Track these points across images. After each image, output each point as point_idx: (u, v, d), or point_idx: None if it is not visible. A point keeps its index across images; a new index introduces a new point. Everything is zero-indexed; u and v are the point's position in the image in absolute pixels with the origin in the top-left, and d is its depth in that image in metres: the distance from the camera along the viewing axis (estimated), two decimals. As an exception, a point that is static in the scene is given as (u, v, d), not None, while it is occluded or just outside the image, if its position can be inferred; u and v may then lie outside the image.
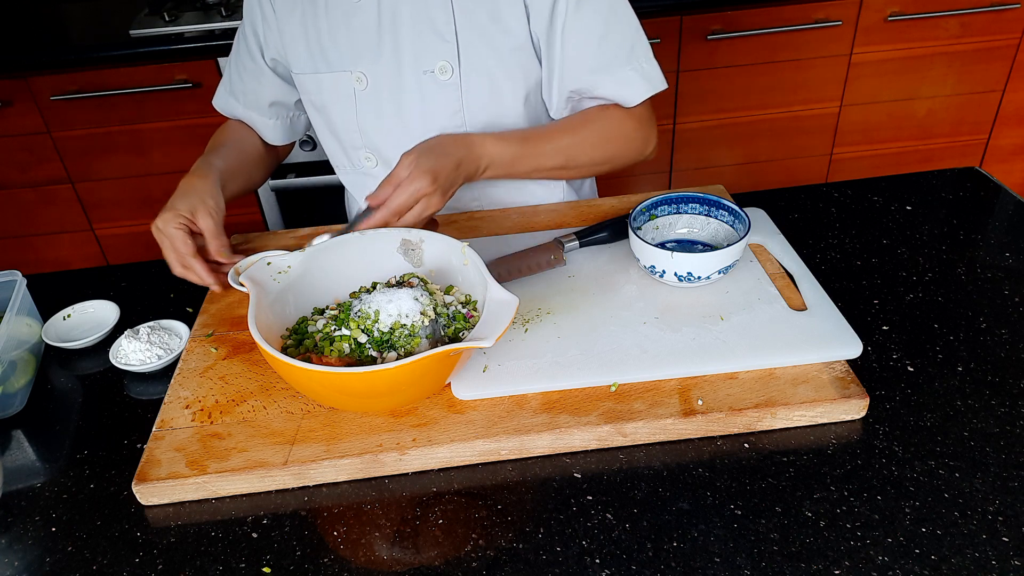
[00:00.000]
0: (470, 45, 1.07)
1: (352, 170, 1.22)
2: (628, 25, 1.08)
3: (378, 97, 1.11)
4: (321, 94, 1.14)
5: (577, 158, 1.10)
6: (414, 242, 0.94)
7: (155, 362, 0.94)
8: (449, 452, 0.79)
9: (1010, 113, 2.35)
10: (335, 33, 1.09)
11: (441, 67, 1.08)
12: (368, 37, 1.08)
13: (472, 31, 1.06)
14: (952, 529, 0.71)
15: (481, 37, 1.06)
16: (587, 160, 1.11)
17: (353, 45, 1.09)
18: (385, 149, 1.16)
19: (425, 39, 1.07)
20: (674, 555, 0.70)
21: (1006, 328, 0.92)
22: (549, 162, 1.09)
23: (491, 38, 1.06)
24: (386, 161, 1.17)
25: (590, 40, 1.05)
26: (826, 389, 0.82)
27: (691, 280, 0.93)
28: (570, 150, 1.09)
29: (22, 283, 1.00)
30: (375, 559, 0.72)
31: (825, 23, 2.09)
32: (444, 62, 1.07)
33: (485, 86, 1.09)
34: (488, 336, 0.74)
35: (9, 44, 2.04)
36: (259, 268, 0.88)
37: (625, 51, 1.07)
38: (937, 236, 1.09)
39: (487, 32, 1.06)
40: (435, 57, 1.07)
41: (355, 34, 1.08)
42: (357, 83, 1.11)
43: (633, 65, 1.07)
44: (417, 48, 1.07)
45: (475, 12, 1.05)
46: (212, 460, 0.79)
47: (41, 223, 2.20)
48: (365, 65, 1.09)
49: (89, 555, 0.75)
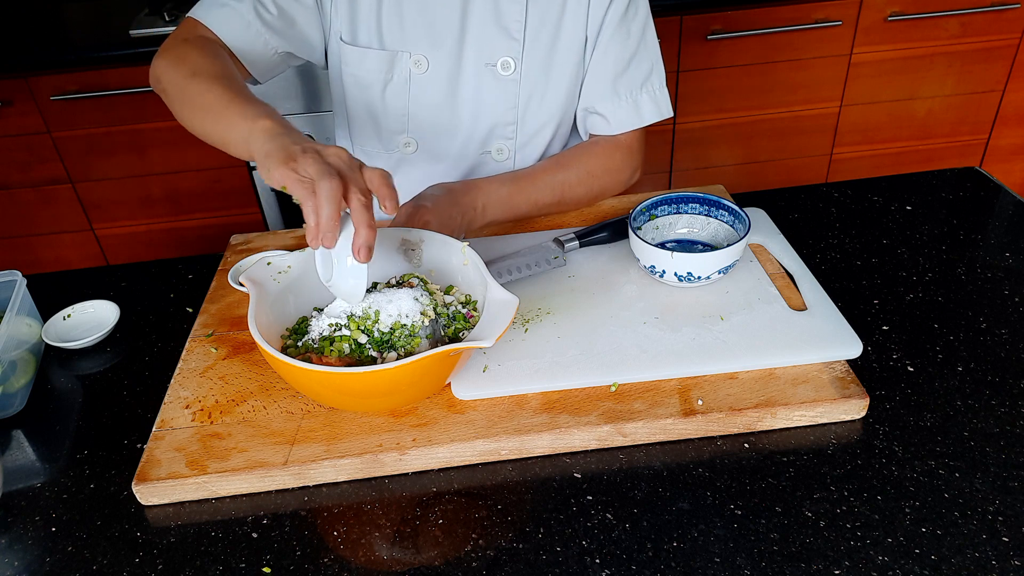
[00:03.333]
0: (535, 43, 1.10)
1: (381, 153, 1.21)
2: (653, 50, 1.15)
3: (435, 83, 1.11)
4: (371, 72, 1.12)
5: (569, 193, 1.13)
6: (414, 242, 0.94)
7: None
8: (449, 452, 0.79)
9: (1010, 113, 2.35)
10: (408, 12, 1.08)
11: (504, 63, 1.09)
12: (438, 21, 1.08)
13: (540, 30, 1.09)
14: (952, 529, 0.71)
15: (547, 36, 1.10)
16: (581, 195, 1.14)
17: (422, 27, 1.09)
18: (428, 136, 1.16)
19: (492, 32, 1.08)
20: (674, 555, 0.70)
21: (1006, 328, 0.92)
22: (544, 197, 1.12)
23: (555, 38, 1.10)
24: (427, 149, 1.17)
25: (621, 57, 1.12)
26: (826, 389, 0.82)
27: (691, 280, 0.93)
28: (563, 186, 1.13)
29: (22, 283, 1.00)
30: (375, 559, 0.72)
31: (825, 23, 2.09)
32: (507, 58, 1.09)
33: (542, 84, 1.13)
34: (488, 336, 0.74)
35: (9, 44, 2.04)
36: (259, 268, 0.88)
37: (644, 74, 1.14)
38: (937, 236, 1.09)
39: (552, 32, 1.10)
40: (500, 52, 1.09)
41: (427, 16, 1.08)
42: (416, 66, 1.10)
43: (647, 89, 1.14)
44: (482, 40, 1.09)
45: (547, 12, 1.08)
46: (212, 460, 0.79)
47: (41, 223, 2.20)
48: (426, 48, 1.09)
49: (89, 555, 0.75)
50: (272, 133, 0.81)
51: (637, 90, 1.13)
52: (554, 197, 1.12)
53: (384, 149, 1.20)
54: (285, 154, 0.76)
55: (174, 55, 1.00)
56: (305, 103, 2.05)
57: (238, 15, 1.05)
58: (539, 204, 1.12)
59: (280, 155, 0.76)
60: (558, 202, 1.13)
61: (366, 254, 0.75)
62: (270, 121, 0.83)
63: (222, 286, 1.05)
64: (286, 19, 1.09)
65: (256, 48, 1.08)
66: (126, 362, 0.98)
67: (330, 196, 0.72)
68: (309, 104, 2.05)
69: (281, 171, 0.75)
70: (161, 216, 2.22)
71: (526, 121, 1.15)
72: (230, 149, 0.90)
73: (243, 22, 1.05)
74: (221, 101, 0.90)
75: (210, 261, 1.14)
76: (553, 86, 1.13)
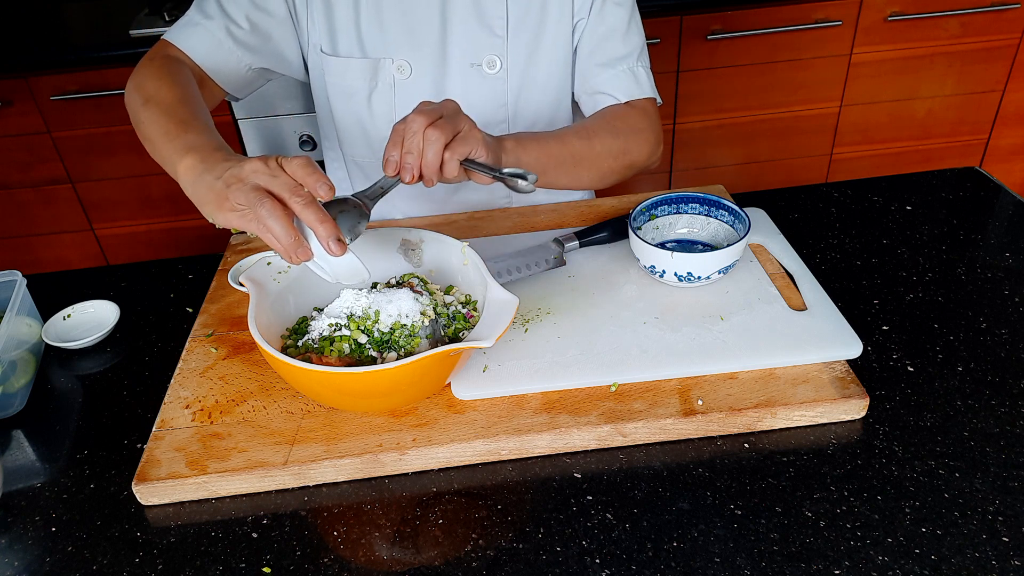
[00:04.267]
0: (519, 39, 1.09)
1: (373, 163, 1.20)
2: (640, 32, 1.15)
3: (421, 87, 1.11)
4: (355, 81, 1.12)
5: (598, 142, 1.07)
6: (414, 242, 0.94)
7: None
8: (449, 452, 0.79)
9: (1010, 113, 2.35)
10: (387, 18, 1.08)
11: (489, 61, 1.08)
12: (418, 24, 1.08)
13: (523, 25, 1.08)
14: (952, 529, 0.71)
15: (530, 29, 1.09)
16: (609, 145, 1.08)
17: (403, 31, 1.08)
18: None
19: (474, 32, 1.08)
20: (674, 555, 0.70)
21: (1006, 328, 0.92)
22: (573, 139, 1.05)
23: (539, 30, 1.09)
24: None
25: (615, 31, 1.11)
26: (826, 389, 0.82)
27: (691, 280, 0.93)
28: (588, 131, 1.07)
29: (22, 283, 1.00)
30: (375, 559, 0.72)
31: (825, 23, 2.09)
32: (493, 56, 1.08)
33: (530, 80, 1.12)
34: (488, 336, 0.74)
35: (9, 44, 2.04)
36: (259, 268, 0.88)
37: (637, 49, 1.13)
38: (937, 236, 1.09)
39: (535, 24, 1.09)
40: (484, 51, 1.08)
41: (407, 20, 1.08)
42: (399, 72, 1.09)
43: (641, 62, 1.13)
44: (466, 41, 1.08)
45: (528, 4, 1.07)
46: (212, 460, 0.79)
47: (41, 223, 2.20)
48: (408, 53, 1.09)
49: (89, 555, 0.75)
50: (194, 174, 0.81)
51: (634, 63, 1.12)
52: (581, 141, 1.05)
53: (375, 158, 1.19)
54: (214, 196, 0.76)
55: (136, 81, 1.02)
56: (305, 103, 2.05)
57: (209, 34, 1.06)
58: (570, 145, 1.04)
59: (211, 199, 0.77)
60: (587, 146, 1.06)
61: (337, 246, 0.74)
62: (191, 158, 0.82)
63: (222, 286, 1.05)
64: (260, 35, 1.09)
65: (229, 66, 1.08)
66: (126, 362, 0.98)
67: (273, 217, 0.72)
68: (309, 104, 2.05)
69: (223, 216, 0.76)
70: (161, 216, 2.22)
71: (517, 118, 1.14)
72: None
73: (214, 41, 1.05)
74: (160, 133, 0.91)
75: (210, 261, 1.14)
76: (541, 79, 1.12)
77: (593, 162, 1.07)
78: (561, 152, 1.04)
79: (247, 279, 0.86)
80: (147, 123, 0.94)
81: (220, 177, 0.77)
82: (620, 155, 1.10)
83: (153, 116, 0.93)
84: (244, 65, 1.09)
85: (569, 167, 1.05)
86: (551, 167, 1.02)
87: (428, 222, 1.16)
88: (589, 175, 1.09)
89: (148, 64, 1.04)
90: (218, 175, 0.77)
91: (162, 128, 0.90)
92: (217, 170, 0.78)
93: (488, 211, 1.18)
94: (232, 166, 0.77)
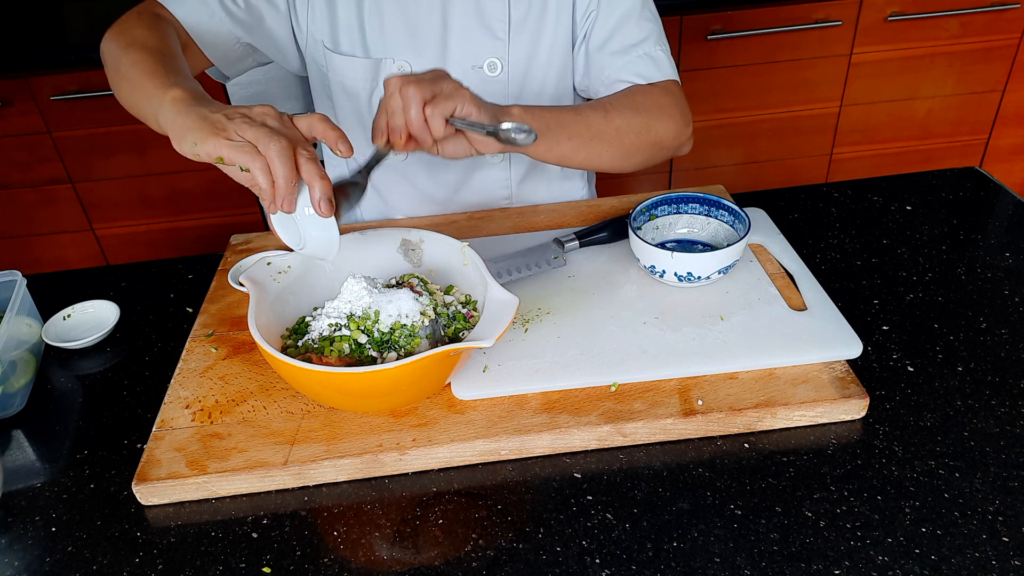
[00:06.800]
0: (519, 41, 1.08)
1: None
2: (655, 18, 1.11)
3: None
4: (357, 80, 1.12)
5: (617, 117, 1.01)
6: (414, 242, 0.94)
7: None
8: (449, 452, 0.79)
9: (1010, 113, 2.35)
10: (388, 19, 1.07)
11: (490, 63, 1.08)
12: (419, 26, 1.07)
13: (523, 27, 1.08)
14: (952, 529, 0.71)
15: (530, 30, 1.08)
16: (630, 120, 1.02)
17: (404, 32, 1.08)
18: None
19: (475, 34, 1.07)
20: (674, 555, 0.70)
21: (1006, 328, 0.92)
22: (588, 112, 1.00)
23: (539, 31, 1.08)
24: (420, 155, 1.15)
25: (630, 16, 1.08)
26: (826, 389, 0.82)
27: (691, 280, 0.93)
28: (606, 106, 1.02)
29: (22, 283, 1.00)
30: (375, 559, 0.72)
31: (825, 23, 2.09)
32: (494, 59, 1.08)
33: (530, 81, 1.11)
34: (488, 336, 0.74)
35: (9, 44, 2.04)
36: (259, 268, 0.88)
37: (655, 35, 1.09)
38: (937, 236, 1.09)
39: (536, 25, 1.08)
40: (485, 53, 1.08)
41: (409, 21, 1.07)
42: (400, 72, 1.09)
43: (661, 46, 1.09)
44: (466, 43, 1.08)
45: (529, 5, 1.07)
46: (212, 460, 0.79)
47: (41, 223, 2.20)
48: (409, 54, 1.08)
49: (89, 555, 0.75)
50: (184, 105, 0.77)
51: (651, 47, 1.08)
52: (597, 114, 1.00)
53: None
54: (209, 124, 0.73)
55: (119, 28, 0.99)
56: (305, 103, 2.04)
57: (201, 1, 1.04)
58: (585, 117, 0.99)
59: (204, 126, 0.73)
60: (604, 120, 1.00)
61: (328, 206, 0.73)
62: (181, 91, 0.78)
63: (222, 286, 1.05)
64: (254, 15, 1.08)
65: (219, 37, 1.05)
66: (126, 362, 0.98)
67: (281, 155, 0.70)
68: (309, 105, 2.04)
69: (213, 142, 0.72)
70: (161, 216, 2.22)
71: None
72: (148, 122, 0.86)
73: (206, 9, 1.04)
74: (143, 71, 0.87)
75: (210, 261, 1.14)
76: (541, 81, 1.12)
77: (613, 137, 1.01)
78: (575, 123, 0.98)
79: (247, 279, 0.86)
80: (130, 64, 0.89)
81: (220, 111, 0.74)
82: (643, 131, 1.02)
83: (137, 58, 0.89)
84: (233, 37, 1.07)
85: (585, 140, 0.99)
86: (563, 138, 0.97)
87: (428, 222, 1.16)
88: (610, 152, 1.02)
89: (134, 16, 1.00)
90: (215, 109, 0.75)
91: (148, 68, 0.86)
92: (213, 105, 0.76)
93: (488, 211, 1.18)
94: (233, 107, 0.75)
